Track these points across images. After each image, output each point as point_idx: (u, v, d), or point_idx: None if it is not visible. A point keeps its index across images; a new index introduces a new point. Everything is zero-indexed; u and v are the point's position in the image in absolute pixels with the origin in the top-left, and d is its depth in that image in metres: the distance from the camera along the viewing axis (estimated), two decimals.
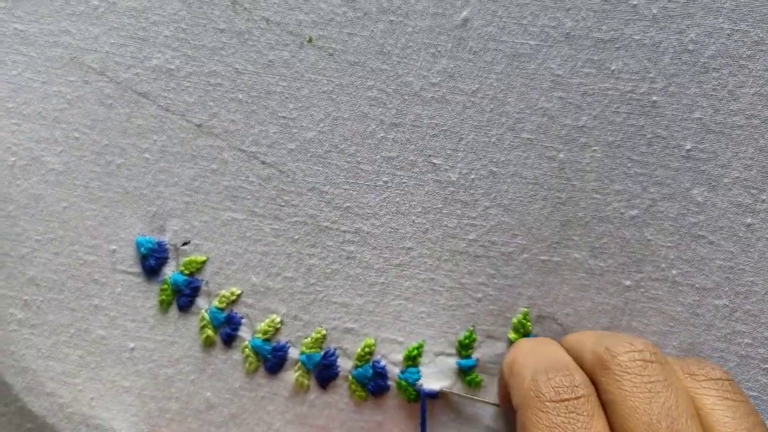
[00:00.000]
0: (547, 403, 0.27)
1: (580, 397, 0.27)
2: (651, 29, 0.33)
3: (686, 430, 0.26)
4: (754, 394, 0.33)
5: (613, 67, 0.33)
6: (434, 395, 0.34)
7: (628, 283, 0.33)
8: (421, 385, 0.33)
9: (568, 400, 0.27)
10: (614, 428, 0.27)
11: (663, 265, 0.33)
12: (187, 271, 0.35)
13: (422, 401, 0.33)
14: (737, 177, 0.33)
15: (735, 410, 0.28)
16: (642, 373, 0.28)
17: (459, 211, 0.34)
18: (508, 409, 0.33)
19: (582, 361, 0.30)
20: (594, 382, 0.28)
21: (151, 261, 0.35)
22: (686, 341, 0.33)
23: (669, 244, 0.33)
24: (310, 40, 0.34)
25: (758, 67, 0.33)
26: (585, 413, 0.27)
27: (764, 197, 0.33)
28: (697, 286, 0.33)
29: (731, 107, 0.33)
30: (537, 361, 0.29)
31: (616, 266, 0.33)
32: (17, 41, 0.35)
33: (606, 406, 0.28)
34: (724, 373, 0.29)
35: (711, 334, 0.33)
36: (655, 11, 0.33)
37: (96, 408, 0.35)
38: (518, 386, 0.29)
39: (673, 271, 0.33)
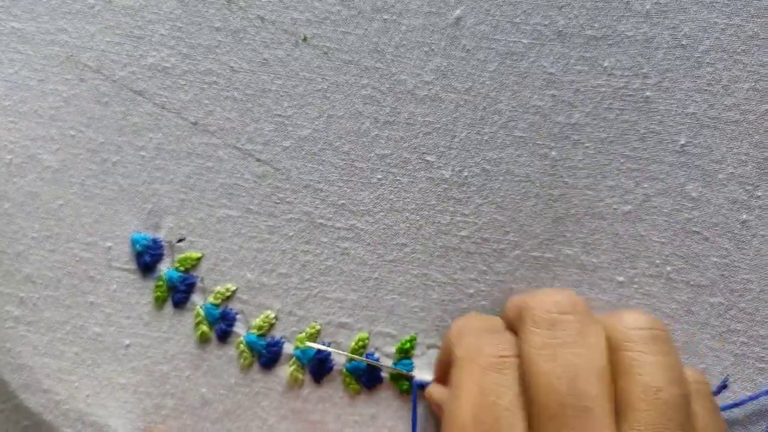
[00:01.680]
0: (478, 363, 0.28)
1: (507, 358, 0.28)
2: (644, 25, 0.33)
3: (588, 389, 0.26)
4: (750, 393, 0.33)
5: (605, 64, 0.33)
6: (426, 386, 0.34)
7: (621, 279, 0.33)
8: (415, 380, 0.34)
9: (494, 361, 0.28)
10: (523, 378, 0.27)
11: (657, 262, 0.33)
12: (182, 268, 0.35)
13: (414, 392, 0.34)
14: (732, 172, 0.33)
15: (660, 362, 0.27)
16: (551, 327, 0.27)
17: (452, 208, 0.34)
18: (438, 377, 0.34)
19: (510, 320, 0.30)
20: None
21: (147, 258, 0.35)
22: (680, 339, 0.33)
23: (663, 240, 0.33)
24: (304, 39, 0.34)
25: (753, 62, 0.33)
26: (508, 371, 0.28)
27: (759, 193, 0.33)
28: (691, 283, 0.33)
29: (726, 102, 0.33)
30: (470, 327, 0.30)
31: (609, 262, 0.33)
32: (14, 39, 0.35)
33: (521, 362, 0.28)
34: (651, 321, 0.28)
35: (706, 332, 0.33)
36: (648, 7, 0.33)
37: (92, 405, 0.35)
38: (453, 353, 0.30)
39: (668, 268, 0.33)
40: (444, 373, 0.32)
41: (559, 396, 0.26)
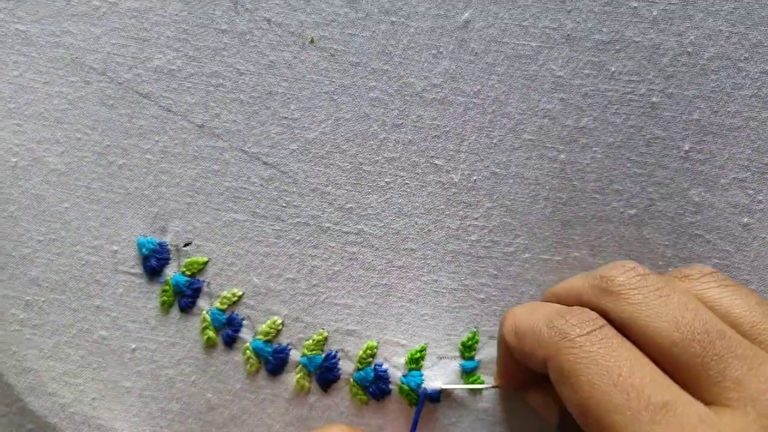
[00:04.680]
0: (577, 339, 0.27)
1: (603, 326, 0.27)
2: (651, 31, 0.33)
3: (709, 317, 0.26)
4: None
5: (613, 69, 0.33)
6: (436, 397, 0.34)
7: None
8: (423, 389, 0.33)
9: (594, 330, 0.27)
10: (640, 343, 0.27)
11: (660, 263, 0.34)
12: (188, 272, 0.35)
13: (420, 401, 0.33)
14: (734, 177, 0.33)
15: (738, 292, 0.28)
16: (645, 284, 0.28)
17: (461, 212, 0.34)
18: (510, 384, 0.33)
19: (581, 301, 0.30)
20: (601, 313, 0.28)
21: (153, 262, 0.34)
22: None
23: (666, 243, 0.34)
24: (311, 41, 0.34)
25: (756, 70, 0.33)
26: (614, 336, 0.27)
27: (761, 197, 0.33)
28: None
29: (729, 109, 0.33)
30: (542, 313, 0.29)
31: None
32: (19, 42, 0.35)
33: (623, 327, 0.28)
34: (713, 269, 0.29)
35: None
36: (655, 13, 0.33)
37: (97, 408, 0.34)
38: (539, 340, 0.28)
39: (671, 269, 0.34)
40: (514, 372, 0.32)
41: (692, 328, 0.26)
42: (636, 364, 0.26)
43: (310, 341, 0.34)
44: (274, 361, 0.34)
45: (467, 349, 0.34)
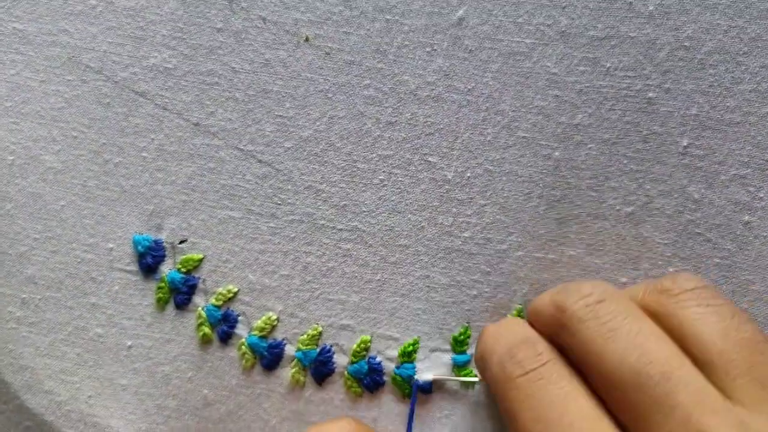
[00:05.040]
0: (518, 380, 0.27)
1: (545, 363, 0.27)
2: (647, 26, 0.33)
3: (658, 353, 0.25)
4: None
5: (608, 65, 0.33)
6: (428, 388, 0.34)
7: (624, 280, 0.33)
8: (416, 380, 0.33)
9: (534, 369, 0.27)
10: (592, 379, 0.26)
11: (659, 263, 0.33)
12: (184, 269, 0.35)
13: (413, 392, 0.33)
14: (734, 174, 0.33)
15: (718, 314, 0.27)
16: (596, 316, 0.27)
17: (455, 209, 0.34)
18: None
19: (543, 327, 0.29)
20: (560, 343, 0.28)
21: (149, 259, 0.35)
22: None
23: (665, 242, 0.33)
24: (306, 39, 0.34)
25: (755, 64, 0.33)
26: (554, 374, 0.27)
27: (762, 195, 0.33)
28: None
29: (728, 104, 0.33)
30: (501, 342, 0.29)
31: (611, 263, 0.33)
32: (15, 40, 0.35)
33: (577, 361, 0.27)
34: (699, 281, 0.28)
35: None
36: (651, 8, 0.33)
37: (94, 406, 0.35)
38: (490, 376, 0.29)
39: (670, 269, 0.33)
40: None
41: (634, 370, 0.25)
42: (573, 407, 0.25)
43: (305, 336, 0.34)
44: (269, 357, 0.34)
45: (459, 344, 0.34)
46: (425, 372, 0.34)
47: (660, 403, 0.24)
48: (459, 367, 0.34)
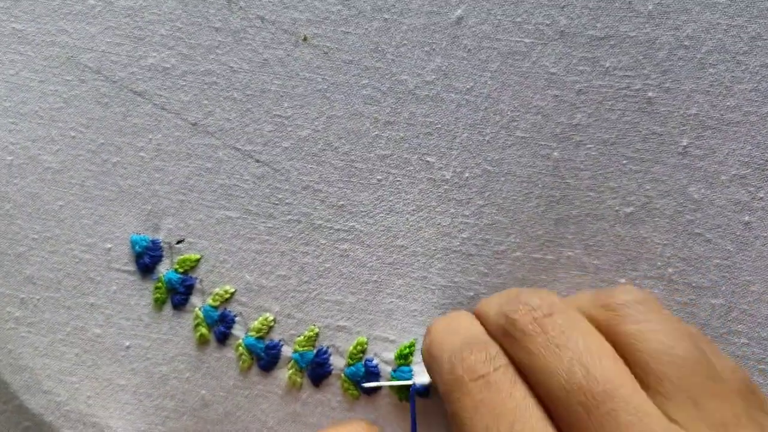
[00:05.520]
0: (468, 384, 0.26)
1: (498, 368, 0.27)
2: (646, 26, 0.33)
3: (603, 371, 0.25)
4: None
5: (607, 64, 0.33)
6: (424, 392, 0.33)
7: (623, 281, 0.33)
8: (413, 384, 0.33)
9: (486, 374, 0.27)
10: (535, 392, 0.26)
11: (659, 263, 0.33)
12: (181, 270, 0.35)
13: (411, 397, 0.33)
14: (734, 174, 0.33)
15: (654, 330, 0.26)
16: (544, 331, 0.27)
17: (452, 210, 0.34)
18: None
19: (490, 330, 0.29)
20: (505, 348, 0.28)
21: (146, 259, 0.35)
22: None
23: (665, 242, 0.33)
24: (304, 39, 0.34)
25: (755, 63, 0.33)
26: (506, 382, 0.26)
27: (762, 195, 0.33)
28: (693, 284, 0.33)
29: (728, 103, 0.33)
30: (451, 341, 0.29)
31: (610, 264, 0.33)
32: (14, 40, 0.35)
33: (521, 371, 0.27)
34: (637, 294, 0.28)
35: (707, 333, 0.33)
36: (650, 7, 0.33)
37: (92, 406, 0.35)
38: (438, 373, 0.28)
39: (669, 270, 0.33)
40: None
41: (579, 387, 0.25)
42: (521, 417, 0.25)
43: (302, 337, 0.34)
44: (266, 358, 0.34)
45: None
46: (422, 375, 0.34)
47: (602, 423, 0.24)
48: None
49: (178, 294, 0.35)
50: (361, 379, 0.34)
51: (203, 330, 0.34)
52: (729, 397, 0.25)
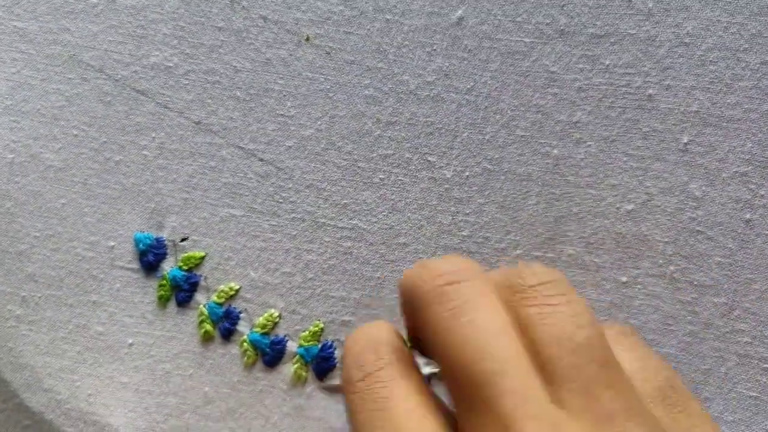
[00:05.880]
0: (357, 384, 0.26)
1: (383, 367, 0.26)
2: (646, 23, 0.33)
3: (498, 349, 0.24)
4: (754, 394, 0.33)
5: (607, 62, 0.33)
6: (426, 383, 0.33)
7: (624, 279, 0.33)
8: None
9: (372, 372, 0.26)
10: (442, 369, 0.25)
11: (660, 261, 0.33)
12: (185, 267, 0.35)
13: None
14: (735, 171, 0.33)
15: (557, 315, 0.25)
16: (446, 300, 0.25)
17: (453, 208, 0.34)
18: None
19: (403, 307, 0.28)
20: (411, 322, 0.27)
21: (150, 257, 0.35)
22: (684, 339, 0.33)
23: (666, 240, 0.33)
24: (307, 39, 0.34)
25: (755, 60, 0.33)
26: (388, 377, 0.26)
27: (763, 192, 0.33)
28: (695, 282, 0.33)
29: (728, 100, 0.33)
30: (353, 349, 0.28)
31: (611, 262, 0.33)
32: (16, 39, 0.35)
33: (427, 348, 0.26)
34: (544, 275, 0.26)
35: (709, 332, 0.33)
36: (650, 5, 0.33)
37: (94, 404, 0.35)
38: (342, 373, 0.28)
39: (671, 268, 0.33)
40: None
41: (469, 364, 0.24)
42: (400, 407, 0.25)
43: (307, 332, 0.34)
44: (271, 353, 0.34)
45: None
46: (424, 367, 0.34)
47: (486, 402, 0.23)
48: None
49: (183, 291, 0.35)
50: None
51: (208, 326, 0.34)
52: (624, 389, 0.24)
